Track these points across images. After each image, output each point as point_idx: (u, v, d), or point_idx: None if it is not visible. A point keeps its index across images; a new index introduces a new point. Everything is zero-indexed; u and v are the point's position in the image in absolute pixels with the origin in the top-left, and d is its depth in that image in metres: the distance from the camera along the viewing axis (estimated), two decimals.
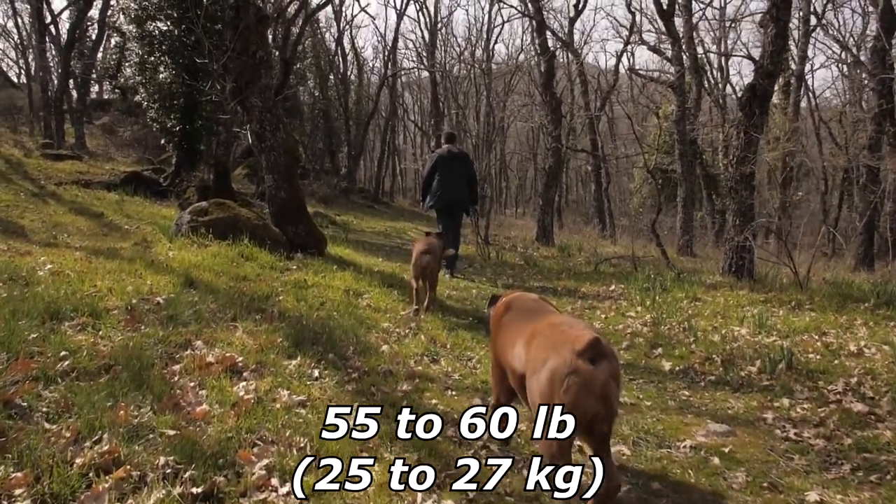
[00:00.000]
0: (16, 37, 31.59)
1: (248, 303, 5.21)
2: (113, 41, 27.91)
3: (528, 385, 2.45)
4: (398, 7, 39.54)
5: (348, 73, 32.24)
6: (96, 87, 32.94)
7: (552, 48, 15.96)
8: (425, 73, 36.54)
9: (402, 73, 34.36)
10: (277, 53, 23.09)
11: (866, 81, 21.43)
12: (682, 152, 16.33)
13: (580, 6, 20.23)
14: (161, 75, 15.50)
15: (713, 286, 9.17)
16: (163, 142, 16.70)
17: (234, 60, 8.05)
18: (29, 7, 24.96)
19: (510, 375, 2.76)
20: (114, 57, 27.09)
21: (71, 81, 26.04)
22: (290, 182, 8.32)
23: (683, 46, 15.85)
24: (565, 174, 40.15)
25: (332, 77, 30.33)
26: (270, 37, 23.22)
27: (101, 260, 6.25)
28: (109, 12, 24.53)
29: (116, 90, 28.33)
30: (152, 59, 15.29)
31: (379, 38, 72.71)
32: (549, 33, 17.32)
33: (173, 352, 3.87)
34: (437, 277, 6.28)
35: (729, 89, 29.81)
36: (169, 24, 15.18)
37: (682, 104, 16.69)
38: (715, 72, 29.17)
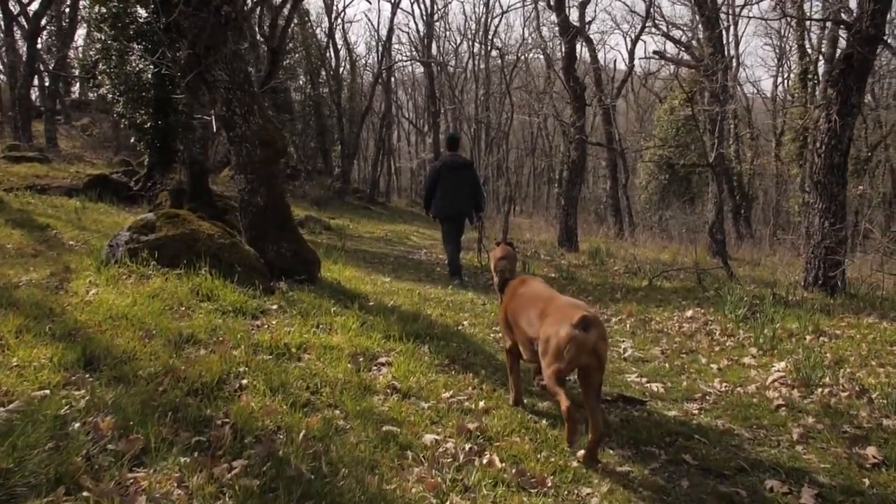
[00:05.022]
0: None
1: (182, 402, 2.79)
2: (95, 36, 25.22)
3: (540, 347, 2.99)
4: None
5: (341, 69, 29.70)
6: (77, 87, 30.22)
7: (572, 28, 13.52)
8: (420, 70, 34.14)
9: (397, 66, 31.88)
10: (265, 44, 20.56)
11: None
12: (711, 145, 13.97)
13: None
14: (129, 64, 12.98)
15: (823, 310, 6.82)
16: (132, 140, 14.14)
17: (190, 18, 5.58)
18: None
19: (519, 334, 3.30)
20: (91, 54, 24.40)
21: (47, 78, 23.42)
22: (270, 184, 5.86)
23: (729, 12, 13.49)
24: (560, 170, 37.79)
25: (323, 73, 27.79)
26: (256, 26, 20.66)
27: None
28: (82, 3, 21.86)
29: (95, 88, 25.67)
30: (117, 44, 12.76)
31: (372, 33, 69.40)
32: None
33: None
34: None
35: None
36: (134, 2, 12.64)
37: (714, 90, 14.33)
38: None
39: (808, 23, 23.54)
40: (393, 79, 32.58)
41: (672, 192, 25.44)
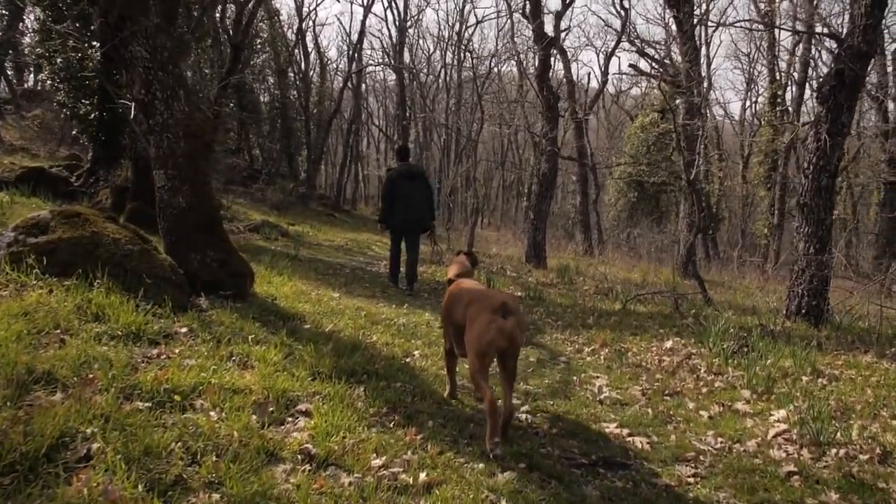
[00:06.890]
0: None
1: None
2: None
3: (466, 330, 3.24)
4: (364, 1, 35.31)
5: (310, 71, 28.72)
6: (32, 75, 28.55)
7: (547, 37, 12.84)
8: (391, 78, 33.37)
9: (368, 73, 31.02)
10: (228, 39, 19.55)
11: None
12: (688, 162, 13.42)
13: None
14: (70, 49, 11.87)
15: (814, 345, 6.14)
16: (75, 132, 12.99)
17: None
18: None
19: (454, 327, 3.47)
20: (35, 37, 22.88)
21: None
22: (195, 182, 4.94)
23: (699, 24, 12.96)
24: (529, 183, 37.23)
25: (291, 74, 26.77)
26: (218, 16, 19.58)
27: None
28: None
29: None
30: (58, 26, 11.64)
31: (344, 37, 67.65)
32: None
33: None
34: None
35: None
36: None
37: (692, 104, 13.83)
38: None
39: (777, 48, 23.47)
40: (364, 85, 31.70)
41: (640, 210, 25.04)
